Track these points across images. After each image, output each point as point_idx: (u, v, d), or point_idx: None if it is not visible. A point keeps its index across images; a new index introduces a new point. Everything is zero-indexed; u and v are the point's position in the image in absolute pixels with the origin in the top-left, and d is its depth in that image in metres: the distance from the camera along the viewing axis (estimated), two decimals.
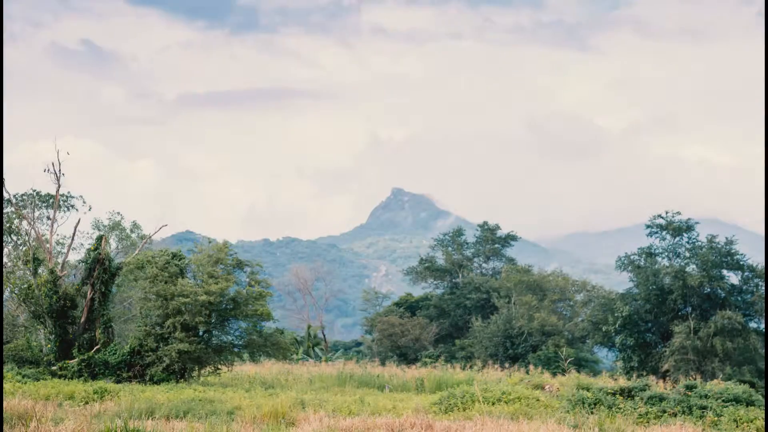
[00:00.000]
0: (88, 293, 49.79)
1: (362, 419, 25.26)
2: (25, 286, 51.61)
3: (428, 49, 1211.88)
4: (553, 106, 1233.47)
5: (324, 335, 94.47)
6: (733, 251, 63.87)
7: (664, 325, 64.12)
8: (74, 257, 60.30)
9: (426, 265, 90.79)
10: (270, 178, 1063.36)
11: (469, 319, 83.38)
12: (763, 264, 63.92)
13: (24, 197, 60.08)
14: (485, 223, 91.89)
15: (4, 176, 52.52)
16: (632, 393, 32.62)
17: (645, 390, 32.78)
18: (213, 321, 48.97)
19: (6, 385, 37.82)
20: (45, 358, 49.64)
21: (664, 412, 30.52)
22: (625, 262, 66.35)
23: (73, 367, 47.48)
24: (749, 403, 32.35)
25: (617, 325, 63.61)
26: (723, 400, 31.99)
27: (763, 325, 63.72)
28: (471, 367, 62.31)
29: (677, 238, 65.80)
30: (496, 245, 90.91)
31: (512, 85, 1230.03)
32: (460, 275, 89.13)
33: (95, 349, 48.81)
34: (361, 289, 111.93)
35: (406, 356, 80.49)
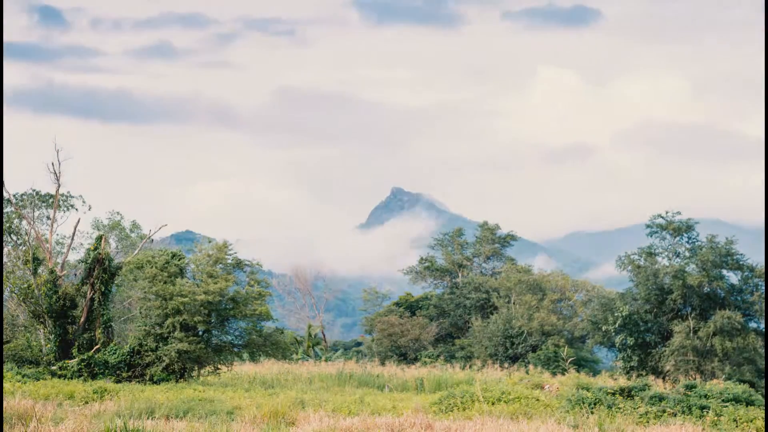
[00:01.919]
0: (88, 293, 49.83)
1: (362, 419, 25.26)
2: (25, 285, 51.64)
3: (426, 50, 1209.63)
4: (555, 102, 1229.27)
5: (324, 335, 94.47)
6: (732, 251, 63.92)
7: (663, 324, 64.16)
8: (74, 257, 60.33)
9: (426, 264, 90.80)
10: (269, 178, 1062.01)
11: (468, 319, 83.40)
12: (763, 264, 63.95)
13: (24, 197, 60.08)
14: (485, 222, 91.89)
15: (4, 176, 52.53)
16: (632, 393, 32.62)
17: (645, 390, 32.79)
18: (212, 321, 48.98)
19: (6, 385, 37.82)
20: (45, 358, 49.65)
21: (664, 411, 30.53)
22: (625, 261, 66.35)
23: (72, 366, 47.49)
24: (749, 403, 32.38)
25: (617, 325, 63.61)
26: (723, 400, 32.01)
27: (762, 325, 63.74)
28: (470, 366, 62.31)
29: (677, 238, 65.83)
30: (496, 245, 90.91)
31: (506, 81, 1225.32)
32: (460, 275, 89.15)
33: (95, 348, 48.83)
34: (361, 288, 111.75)
35: (406, 356, 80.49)
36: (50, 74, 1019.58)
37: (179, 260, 49.29)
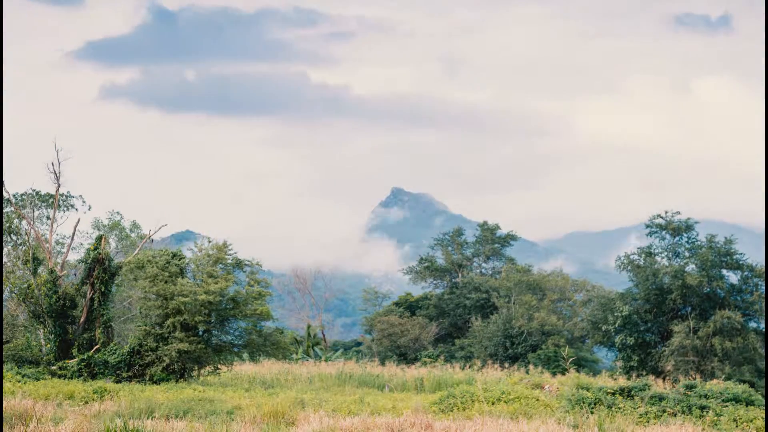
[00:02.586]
0: (88, 293, 49.87)
1: (362, 419, 25.28)
2: (25, 285, 51.66)
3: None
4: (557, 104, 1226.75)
5: (324, 335, 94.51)
6: (732, 251, 63.97)
7: (663, 324, 64.21)
8: (74, 257, 60.36)
9: (426, 264, 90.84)
10: (268, 177, 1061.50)
11: (468, 319, 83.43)
12: (763, 264, 63.99)
13: (24, 197, 60.11)
14: (485, 222, 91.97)
15: (4, 176, 52.55)
16: (632, 393, 32.64)
17: (645, 390, 32.80)
18: (213, 321, 49.01)
19: (6, 385, 37.83)
20: (45, 358, 49.68)
21: (664, 411, 30.55)
22: (625, 261, 66.40)
23: (72, 366, 47.52)
24: (749, 403, 32.40)
25: (617, 325, 63.66)
26: (723, 400, 32.03)
27: (762, 325, 63.77)
28: (470, 366, 62.34)
29: (677, 238, 65.88)
30: (496, 245, 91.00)
31: (495, 79, 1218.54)
32: (460, 275, 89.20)
33: (95, 348, 48.86)
34: (361, 288, 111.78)
35: (406, 356, 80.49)
36: (155, 70, 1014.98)
37: (179, 260, 49.34)
